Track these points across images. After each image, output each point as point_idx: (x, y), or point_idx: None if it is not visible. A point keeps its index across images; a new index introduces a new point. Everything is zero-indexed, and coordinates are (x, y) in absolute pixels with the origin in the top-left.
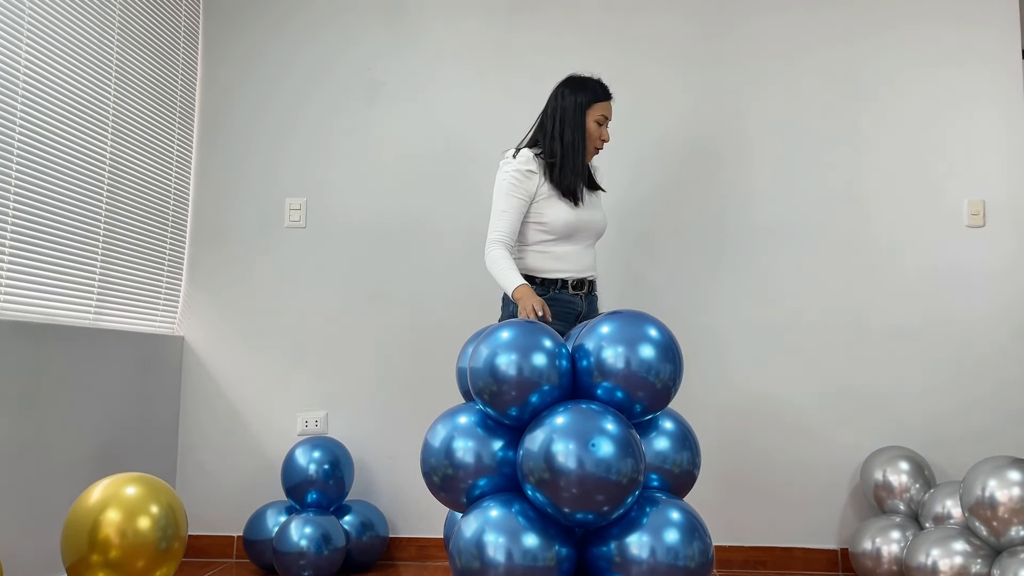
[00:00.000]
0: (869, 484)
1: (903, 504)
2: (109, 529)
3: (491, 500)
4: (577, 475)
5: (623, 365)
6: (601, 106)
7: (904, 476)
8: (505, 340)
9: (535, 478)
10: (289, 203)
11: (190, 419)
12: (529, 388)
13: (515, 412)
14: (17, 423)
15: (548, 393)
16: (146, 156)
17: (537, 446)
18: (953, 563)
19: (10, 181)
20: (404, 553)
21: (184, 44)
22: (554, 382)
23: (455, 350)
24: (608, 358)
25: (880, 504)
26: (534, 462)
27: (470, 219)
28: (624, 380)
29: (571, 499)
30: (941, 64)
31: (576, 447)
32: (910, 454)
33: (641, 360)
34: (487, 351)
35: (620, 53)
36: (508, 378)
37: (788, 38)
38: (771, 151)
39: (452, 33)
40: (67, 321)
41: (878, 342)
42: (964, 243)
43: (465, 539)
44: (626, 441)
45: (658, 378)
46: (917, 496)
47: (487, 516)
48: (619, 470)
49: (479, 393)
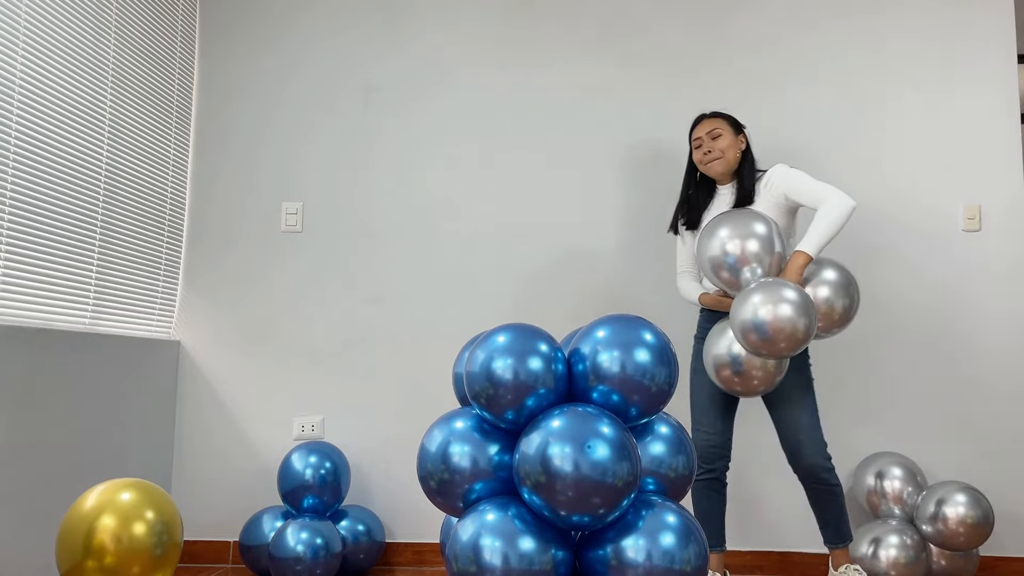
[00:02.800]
0: (862, 489)
1: (898, 509)
2: (104, 535)
3: (487, 504)
4: (573, 478)
5: (618, 369)
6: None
7: (897, 482)
8: (501, 344)
9: (531, 481)
10: (286, 207)
11: (186, 424)
12: (525, 391)
13: (511, 415)
14: (12, 428)
15: (544, 396)
16: (142, 160)
17: (533, 449)
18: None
19: (6, 185)
20: (400, 558)
21: (181, 48)
22: (550, 386)
23: (452, 355)
24: (604, 362)
25: (874, 510)
26: (530, 465)
27: (468, 224)
28: (620, 384)
29: (567, 502)
30: (937, 68)
31: (572, 450)
32: (902, 460)
33: (636, 364)
34: (483, 355)
35: (619, 56)
36: (504, 382)
37: (784, 44)
38: (766, 157)
39: (450, 37)
40: (63, 326)
41: (873, 346)
42: (960, 248)
43: (461, 543)
44: (621, 444)
45: (653, 381)
46: (911, 500)
47: (483, 520)
48: (615, 473)
49: (476, 397)
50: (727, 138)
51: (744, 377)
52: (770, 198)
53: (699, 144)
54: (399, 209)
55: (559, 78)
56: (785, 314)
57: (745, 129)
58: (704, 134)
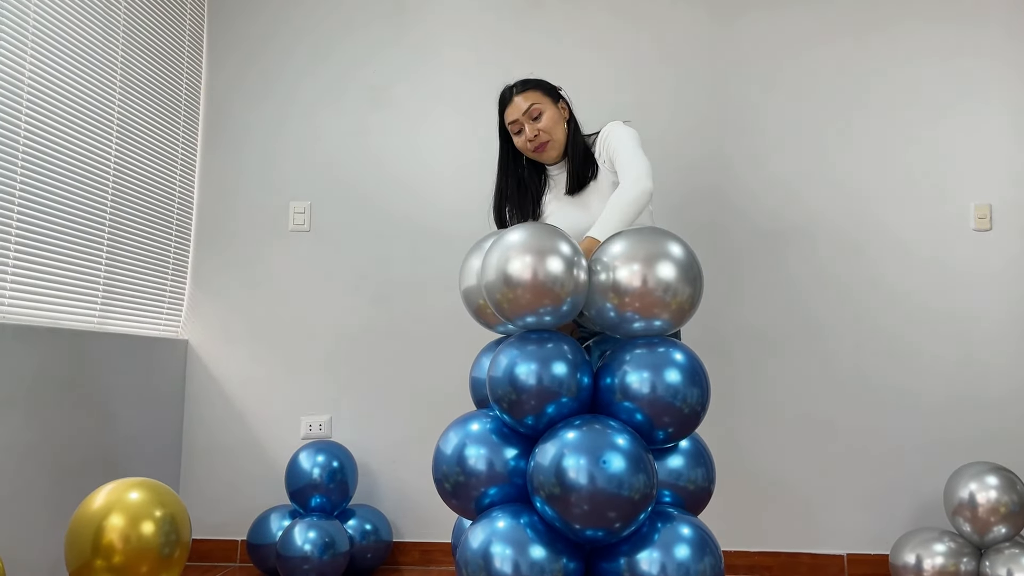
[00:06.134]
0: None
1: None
2: (113, 534)
3: (499, 511)
4: (588, 491)
5: (648, 390)
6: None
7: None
8: (528, 350)
9: (545, 492)
10: (293, 206)
11: (194, 423)
12: (547, 398)
13: (531, 421)
14: (21, 427)
15: (566, 405)
16: (151, 159)
17: (548, 460)
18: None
19: (15, 184)
20: (408, 558)
21: (189, 47)
22: (573, 395)
23: (460, 354)
24: (633, 383)
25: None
26: (544, 476)
27: (477, 221)
28: (649, 405)
29: (582, 515)
30: (948, 66)
31: (587, 462)
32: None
33: (667, 385)
34: (506, 360)
35: (627, 51)
36: (528, 387)
37: (794, 40)
38: (776, 154)
39: (459, 38)
40: (71, 325)
41: (883, 346)
42: (971, 247)
43: (472, 550)
44: (637, 456)
45: (685, 402)
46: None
47: (494, 527)
48: (631, 485)
49: (498, 400)
50: (549, 112)
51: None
52: (608, 172)
53: (519, 129)
54: (408, 208)
55: (570, 77)
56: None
57: (562, 91)
58: (521, 116)
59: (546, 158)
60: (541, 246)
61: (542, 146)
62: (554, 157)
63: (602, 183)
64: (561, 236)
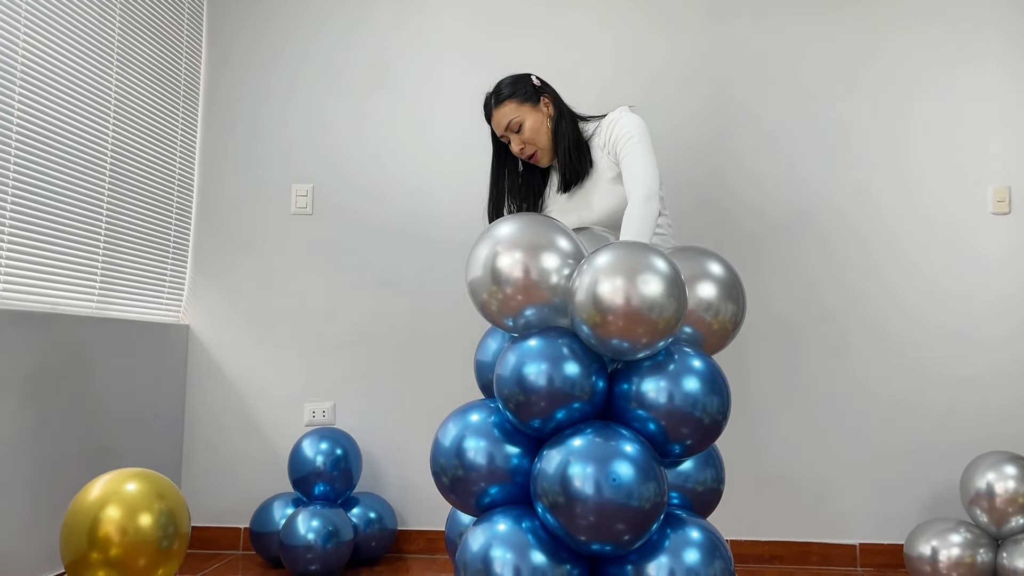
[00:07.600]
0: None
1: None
2: (109, 527)
3: (500, 513)
4: (595, 501)
5: (665, 399)
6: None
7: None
8: (534, 348)
9: (548, 500)
10: (296, 189)
11: (196, 409)
12: (558, 401)
13: (538, 424)
14: (19, 415)
15: (577, 410)
16: (149, 141)
17: (553, 468)
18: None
19: (8, 167)
20: (413, 546)
21: (188, 26)
22: (586, 399)
23: (465, 339)
24: (649, 391)
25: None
26: (548, 483)
27: (481, 206)
28: (666, 416)
29: (588, 527)
30: (965, 50)
31: (595, 471)
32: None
33: (685, 394)
34: (515, 358)
35: (629, 35)
36: (537, 389)
37: (807, 25)
38: (790, 140)
39: (462, 17)
40: (69, 310)
41: (898, 332)
42: (990, 230)
43: (471, 553)
44: (647, 463)
45: (705, 412)
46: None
47: (495, 530)
48: (641, 495)
49: (505, 401)
50: (530, 121)
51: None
52: (612, 164)
53: (507, 141)
54: (412, 191)
55: (576, 57)
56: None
57: (541, 82)
58: (504, 130)
59: (541, 164)
60: (536, 241)
61: (532, 156)
62: (547, 160)
63: (601, 173)
64: (560, 229)
